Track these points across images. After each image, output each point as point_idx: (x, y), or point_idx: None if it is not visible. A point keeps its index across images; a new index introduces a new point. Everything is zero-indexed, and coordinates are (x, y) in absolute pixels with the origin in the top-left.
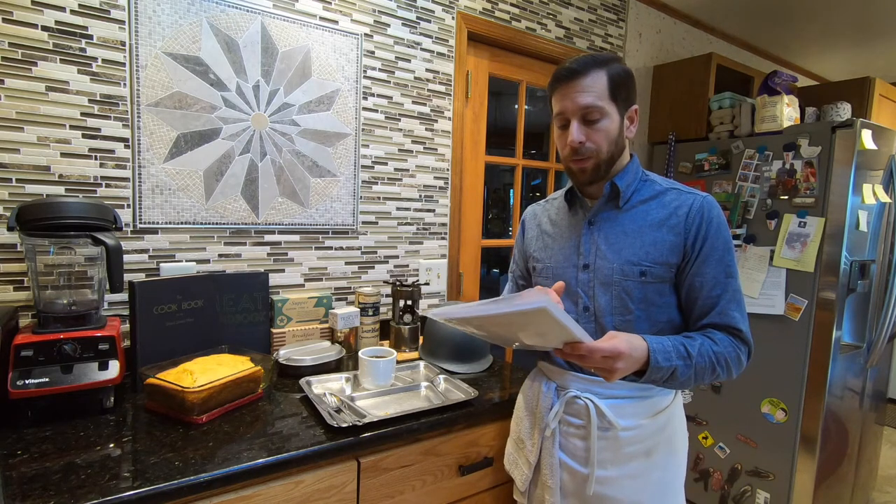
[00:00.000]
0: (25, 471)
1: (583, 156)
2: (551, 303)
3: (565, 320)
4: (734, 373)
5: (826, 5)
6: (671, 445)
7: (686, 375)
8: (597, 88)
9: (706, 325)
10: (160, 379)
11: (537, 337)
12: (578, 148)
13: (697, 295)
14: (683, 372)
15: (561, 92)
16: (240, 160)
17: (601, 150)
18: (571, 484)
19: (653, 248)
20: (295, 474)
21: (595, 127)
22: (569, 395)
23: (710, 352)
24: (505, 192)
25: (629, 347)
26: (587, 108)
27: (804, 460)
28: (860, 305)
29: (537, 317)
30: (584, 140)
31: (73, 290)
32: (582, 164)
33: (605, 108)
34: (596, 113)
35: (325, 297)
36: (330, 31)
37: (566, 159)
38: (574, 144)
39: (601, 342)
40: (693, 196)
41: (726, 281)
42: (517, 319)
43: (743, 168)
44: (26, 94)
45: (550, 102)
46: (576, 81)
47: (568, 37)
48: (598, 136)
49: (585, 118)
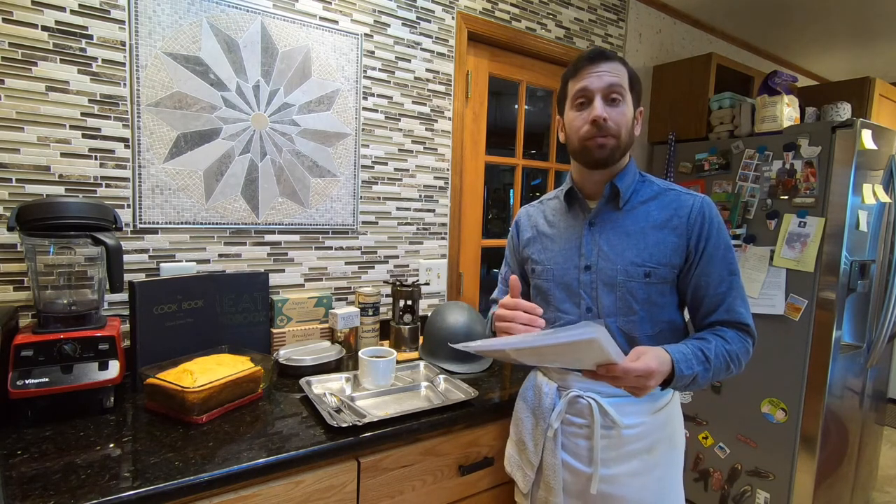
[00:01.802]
0: (25, 471)
1: (605, 132)
2: (603, 332)
3: (611, 348)
4: (743, 366)
5: (826, 5)
6: (671, 441)
7: (705, 378)
8: (620, 74)
9: (714, 322)
10: (160, 379)
11: (574, 361)
12: (602, 124)
13: (704, 293)
14: (703, 376)
15: (585, 71)
16: (240, 160)
17: (621, 132)
18: (575, 484)
19: (656, 249)
20: (295, 474)
21: (617, 108)
22: (571, 394)
23: (724, 352)
24: (505, 192)
25: (658, 364)
26: (612, 87)
27: (804, 460)
28: (860, 305)
29: (585, 346)
30: (607, 117)
31: (73, 290)
32: (603, 140)
33: (627, 94)
34: (619, 94)
35: (325, 297)
36: (330, 31)
37: (584, 138)
38: (600, 118)
39: (634, 363)
40: (692, 197)
41: (731, 278)
42: (563, 349)
43: (743, 168)
44: (26, 94)
45: (565, 89)
46: (603, 63)
47: (568, 37)
48: (618, 117)
49: (609, 98)
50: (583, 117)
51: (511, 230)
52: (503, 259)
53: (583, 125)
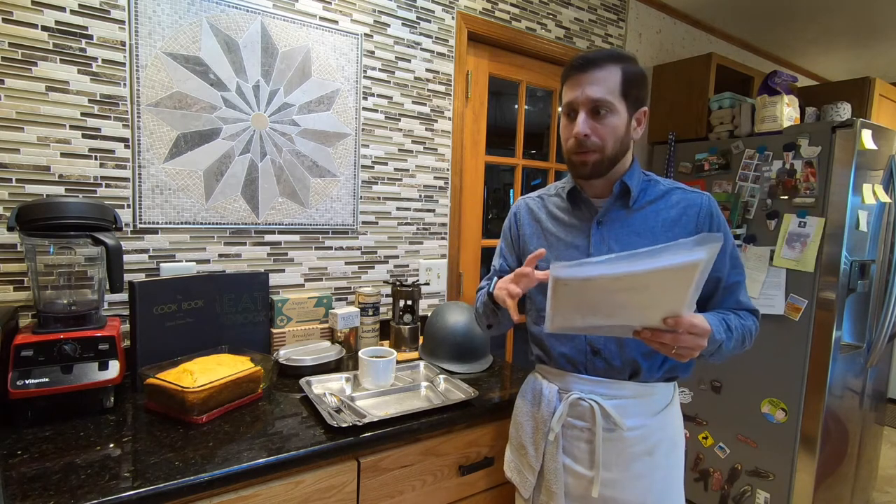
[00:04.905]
0: (25, 471)
1: (586, 149)
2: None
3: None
4: (751, 343)
5: (826, 6)
6: (672, 443)
7: (728, 348)
8: (609, 83)
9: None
10: (160, 379)
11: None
12: (583, 140)
13: (716, 286)
14: (727, 345)
15: (573, 80)
16: (240, 160)
17: (605, 146)
18: (576, 488)
19: None
20: (295, 474)
21: (602, 121)
22: (572, 397)
23: (740, 325)
24: (505, 192)
25: (704, 322)
26: (596, 102)
27: (804, 460)
28: (860, 305)
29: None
30: (588, 133)
31: (73, 290)
32: (584, 157)
33: (615, 104)
34: (604, 107)
35: (325, 297)
36: (330, 31)
37: (569, 151)
38: (579, 136)
39: (697, 319)
40: (698, 195)
41: (739, 271)
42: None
43: (743, 168)
44: (26, 94)
45: (561, 92)
46: (590, 72)
47: (568, 37)
48: (604, 131)
49: (593, 111)
50: (569, 130)
51: (509, 221)
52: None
53: (569, 138)
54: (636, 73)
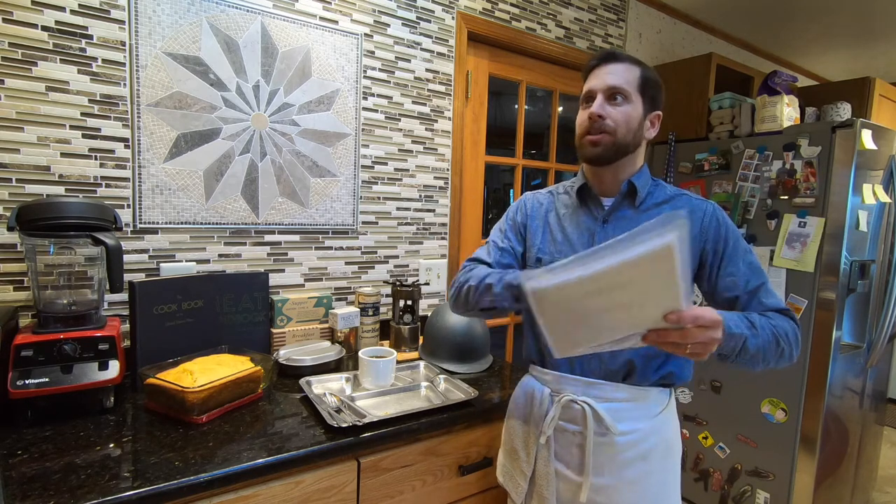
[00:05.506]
0: (25, 471)
1: (599, 129)
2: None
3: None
4: (794, 348)
5: (826, 6)
6: (668, 448)
7: (755, 345)
8: (628, 75)
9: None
10: (160, 379)
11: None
12: (596, 120)
13: (737, 290)
14: (752, 341)
15: (595, 73)
16: (240, 160)
17: (618, 130)
18: (567, 494)
19: None
20: (295, 474)
21: (618, 107)
22: (564, 398)
23: (768, 324)
24: (505, 192)
25: (717, 313)
26: (614, 88)
27: (804, 460)
28: (860, 305)
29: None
30: (603, 115)
31: (73, 290)
32: (595, 137)
33: (631, 95)
34: (621, 94)
35: (325, 297)
36: (330, 31)
37: (581, 135)
38: (593, 116)
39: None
40: (703, 202)
41: (759, 272)
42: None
43: (743, 168)
44: (26, 94)
45: (582, 89)
46: (611, 64)
47: (568, 37)
48: (618, 116)
49: (611, 97)
50: (585, 115)
51: (516, 207)
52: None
53: (583, 121)
54: (654, 78)
